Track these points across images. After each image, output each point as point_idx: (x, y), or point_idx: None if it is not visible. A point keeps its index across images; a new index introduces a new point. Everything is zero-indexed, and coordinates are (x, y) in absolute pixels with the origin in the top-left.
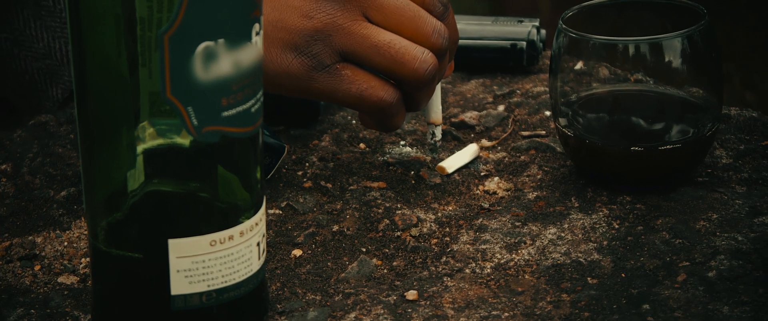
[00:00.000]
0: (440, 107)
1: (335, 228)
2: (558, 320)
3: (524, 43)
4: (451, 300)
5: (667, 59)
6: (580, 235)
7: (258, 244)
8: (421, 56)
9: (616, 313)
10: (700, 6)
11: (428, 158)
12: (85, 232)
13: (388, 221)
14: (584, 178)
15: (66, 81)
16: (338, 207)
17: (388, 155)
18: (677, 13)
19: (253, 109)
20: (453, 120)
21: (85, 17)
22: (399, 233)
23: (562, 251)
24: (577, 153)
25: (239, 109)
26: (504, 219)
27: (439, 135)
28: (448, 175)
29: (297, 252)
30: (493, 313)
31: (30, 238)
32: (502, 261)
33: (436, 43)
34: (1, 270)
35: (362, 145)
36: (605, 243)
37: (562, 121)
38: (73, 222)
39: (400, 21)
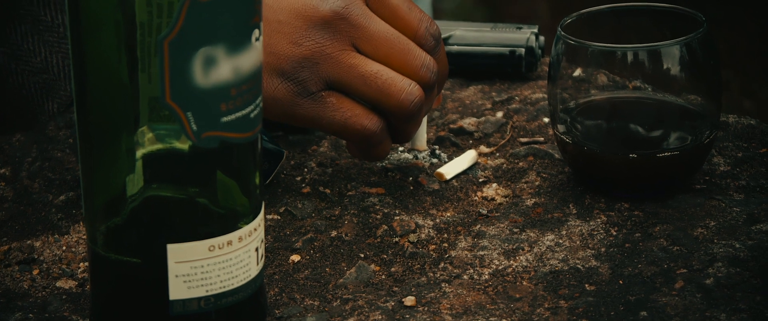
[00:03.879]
0: (425, 135)
1: (333, 233)
2: None
3: (523, 49)
4: (449, 306)
5: (665, 66)
6: (578, 242)
7: (256, 250)
8: (408, 88)
9: (613, 320)
10: (699, 13)
11: (427, 164)
12: (84, 237)
13: (386, 227)
14: (582, 185)
15: (62, 95)
16: (337, 213)
17: (386, 161)
18: (676, 21)
19: (252, 115)
20: (451, 126)
21: (84, 22)
22: (397, 239)
23: (560, 258)
24: (575, 160)
25: (238, 114)
26: (502, 225)
27: (423, 156)
28: (447, 182)
29: (295, 257)
30: (491, 319)
31: (28, 242)
32: (500, 267)
33: (424, 77)
34: None
35: None
36: (603, 250)
37: (561, 127)
38: (71, 226)
39: (390, 53)
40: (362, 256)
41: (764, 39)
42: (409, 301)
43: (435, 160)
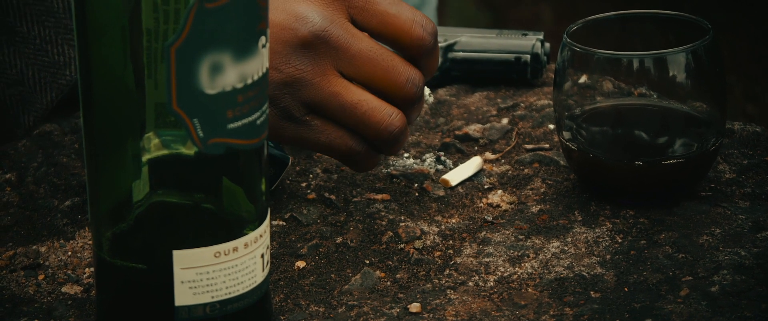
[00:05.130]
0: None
1: (339, 240)
2: None
3: (528, 56)
4: (454, 313)
5: (671, 74)
6: (583, 249)
7: (262, 256)
8: (388, 119)
9: None
10: (705, 20)
11: (432, 171)
12: (89, 242)
13: (391, 233)
14: (587, 192)
15: (38, 108)
16: (342, 219)
17: (391, 167)
18: (681, 27)
19: (258, 122)
20: (457, 132)
21: (91, 28)
22: (402, 245)
23: (565, 265)
24: (580, 166)
25: (245, 121)
26: (507, 232)
27: (430, 98)
28: (452, 188)
29: (300, 263)
30: None
31: (34, 247)
32: (506, 274)
33: (409, 93)
34: (5, 279)
35: None
36: (608, 257)
37: (566, 134)
38: (77, 232)
39: (374, 72)
40: (367, 262)
41: (767, 43)
42: (415, 307)
43: (440, 167)
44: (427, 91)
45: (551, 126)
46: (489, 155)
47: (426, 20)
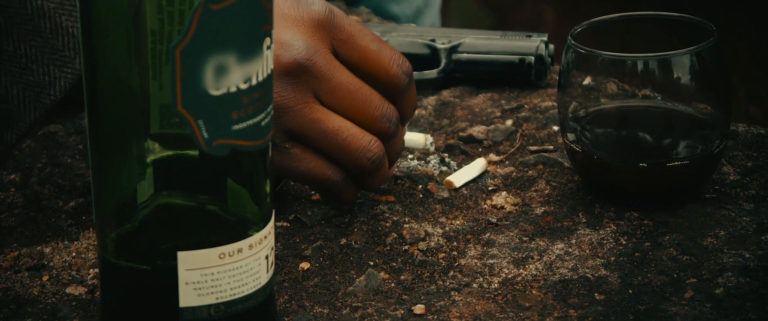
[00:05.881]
0: (418, 136)
1: (343, 241)
2: None
3: (533, 57)
4: (458, 314)
5: (675, 76)
6: (587, 251)
7: (266, 257)
8: (367, 145)
9: None
10: (709, 22)
11: (436, 172)
12: (94, 243)
13: (395, 235)
14: (592, 194)
15: (21, 126)
16: (346, 220)
17: (396, 169)
18: (685, 29)
19: (263, 123)
20: (461, 134)
21: (96, 29)
22: (407, 247)
23: (570, 267)
24: (584, 168)
25: (250, 122)
26: (511, 234)
27: (431, 147)
28: (456, 190)
29: (305, 265)
30: None
31: (38, 248)
32: (510, 276)
33: (383, 128)
34: (9, 280)
35: None
36: (613, 259)
37: (570, 136)
38: (81, 232)
39: (351, 104)
40: (372, 263)
41: None
42: (419, 309)
43: (444, 168)
44: (429, 139)
45: (555, 127)
46: (493, 157)
47: (403, 60)
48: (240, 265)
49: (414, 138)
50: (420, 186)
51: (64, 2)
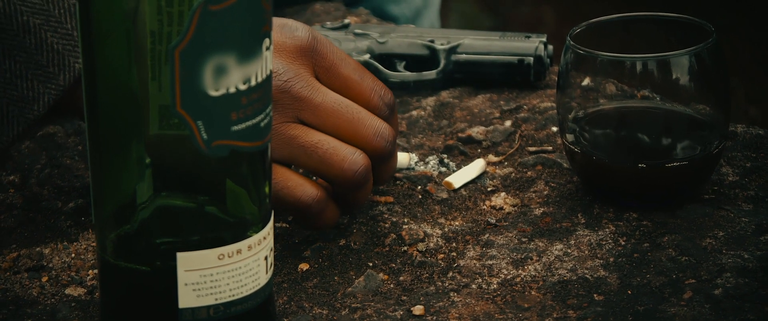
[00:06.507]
0: (402, 155)
1: (342, 242)
2: None
3: (532, 58)
4: (457, 315)
5: (674, 76)
6: (586, 252)
7: (266, 258)
8: (351, 157)
9: None
10: (708, 23)
11: (435, 173)
12: (93, 244)
13: (394, 236)
14: (591, 195)
15: (3, 141)
16: (345, 221)
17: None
18: (684, 30)
19: (262, 124)
20: (460, 135)
21: (95, 31)
22: (406, 248)
23: (569, 267)
24: (583, 169)
25: (249, 123)
26: (511, 234)
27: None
28: (455, 190)
29: (304, 266)
30: None
31: (37, 249)
32: (509, 277)
33: (379, 147)
34: (8, 281)
35: None
36: (611, 259)
37: (569, 137)
38: (80, 233)
39: (338, 123)
40: (371, 264)
41: None
42: (418, 310)
43: (443, 169)
44: (413, 158)
45: (554, 128)
46: (492, 157)
47: (385, 91)
48: (239, 266)
49: (399, 158)
50: (419, 187)
51: (50, 19)
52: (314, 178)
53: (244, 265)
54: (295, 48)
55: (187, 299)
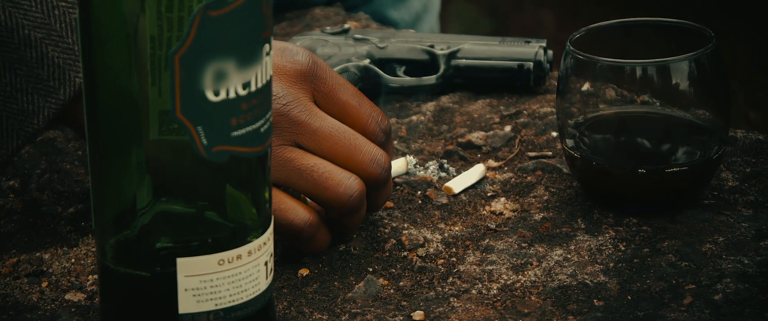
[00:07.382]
0: (399, 161)
1: (342, 247)
2: None
3: (531, 63)
4: None
5: (674, 82)
6: (586, 257)
7: (266, 264)
8: (346, 182)
9: None
10: (708, 28)
11: (435, 178)
12: (93, 249)
13: (394, 241)
14: (591, 200)
15: (2, 154)
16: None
17: (395, 175)
18: (684, 35)
19: (262, 129)
20: (460, 140)
21: (95, 36)
22: (405, 253)
23: (569, 273)
24: (583, 174)
25: (249, 128)
26: (510, 240)
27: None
28: (455, 196)
29: (304, 271)
30: None
31: (37, 254)
32: (509, 282)
33: (374, 173)
34: (8, 286)
35: None
36: (611, 265)
37: (569, 142)
38: (80, 239)
39: (334, 149)
40: (371, 270)
41: None
42: (418, 315)
43: (443, 174)
44: (411, 161)
45: (554, 134)
46: (492, 163)
47: (382, 118)
48: (239, 272)
49: (395, 166)
50: (419, 192)
51: (51, 33)
52: (308, 202)
53: (244, 270)
54: (295, 72)
55: (187, 305)
